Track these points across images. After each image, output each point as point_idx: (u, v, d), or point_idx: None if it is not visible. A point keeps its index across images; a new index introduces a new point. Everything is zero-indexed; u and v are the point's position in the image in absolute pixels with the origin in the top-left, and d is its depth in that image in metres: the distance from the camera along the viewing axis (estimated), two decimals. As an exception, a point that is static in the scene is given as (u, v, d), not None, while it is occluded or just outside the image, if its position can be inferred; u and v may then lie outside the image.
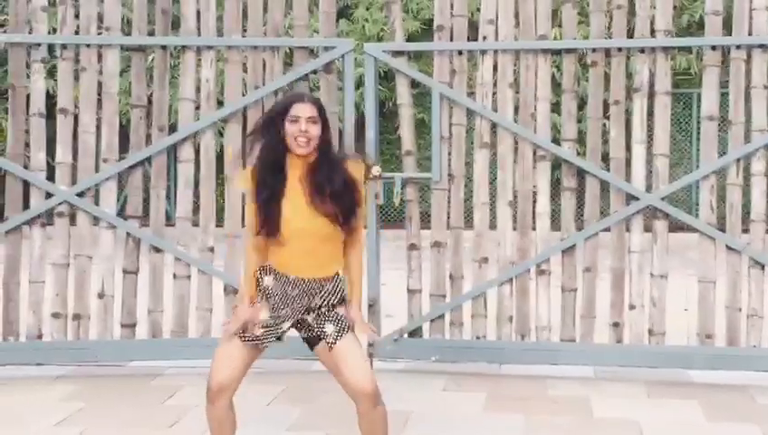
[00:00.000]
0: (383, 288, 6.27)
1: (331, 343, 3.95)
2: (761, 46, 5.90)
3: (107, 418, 5.26)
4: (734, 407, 5.44)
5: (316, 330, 4.01)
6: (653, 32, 6.05)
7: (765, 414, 5.31)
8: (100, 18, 6.18)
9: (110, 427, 5.11)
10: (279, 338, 4.08)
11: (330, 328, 3.98)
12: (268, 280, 4.01)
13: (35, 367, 6.15)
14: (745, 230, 5.96)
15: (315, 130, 3.94)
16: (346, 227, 3.99)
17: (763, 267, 5.94)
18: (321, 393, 5.65)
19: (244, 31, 6.25)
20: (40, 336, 6.17)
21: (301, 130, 3.91)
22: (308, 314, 4.03)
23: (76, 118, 6.18)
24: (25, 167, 6.17)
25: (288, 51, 6.50)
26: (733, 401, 5.55)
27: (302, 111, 3.94)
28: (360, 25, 14.31)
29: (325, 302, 4.02)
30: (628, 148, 6.04)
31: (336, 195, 3.94)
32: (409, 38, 6.39)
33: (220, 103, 6.36)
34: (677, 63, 13.13)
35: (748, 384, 5.84)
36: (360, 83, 8.61)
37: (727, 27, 6.02)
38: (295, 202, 3.94)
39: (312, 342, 4.07)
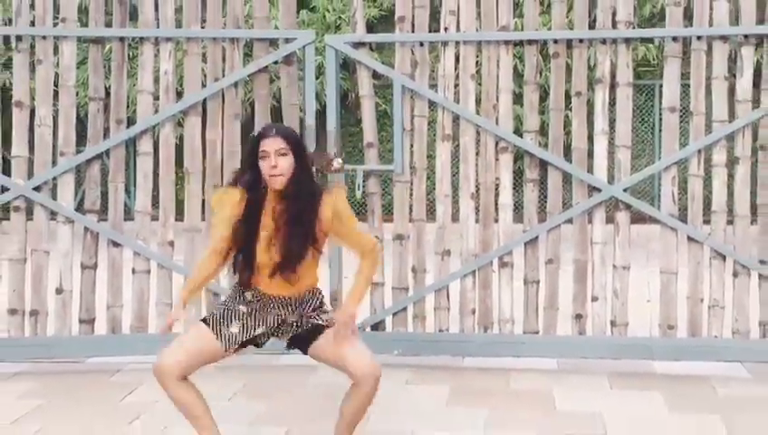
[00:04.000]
0: (345, 281, 6.16)
1: (328, 321, 4.08)
2: (721, 37, 5.91)
3: (65, 415, 5.17)
4: (695, 398, 5.45)
5: (306, 326, 4.12)
6: (615, 23, 6.03)
7: (727, 405, 5.31)
8: (57, 9, 6.08)
9: (69, 424, 5.02)
10: (256, 343, 4.19)
11: (322, 318, 4.12)
12: (248, 294, 4.10)
13: (-8, 364, 6.07)
14: (707, 221, 5.96)
15: (286, 163, 3.94)
16: (313, 252, 4.05)
17: (724, 258, 5.96)
18: (283, 389, 5.59)
19: (204, 22, 6.19)
20: (-3, 333, 6.08)
21: (271, 166, 3.91)
22: (284, 324, 4.14)
23: (32, 111, 6.07)
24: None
25: (248, 42, 6.45)
26: (695, 392, 5.55)
27: (271, 145, 3.93)
28: (320, 14, 14.21)
29: (303, 315, 4.14)
30: (591, 139, 6.04)
31: (298, 229, 3.98)
32: (368, 25, 6.27)
33: (179, 95, 6.28)
34: (639, 54, 13.13)
35: (710, 375, 5.85)
36: (320, 72, 8.59)
37: (688, 18, 6.02)
38: (265, 237, 3.99)
39: (302, 341, 4.15)
